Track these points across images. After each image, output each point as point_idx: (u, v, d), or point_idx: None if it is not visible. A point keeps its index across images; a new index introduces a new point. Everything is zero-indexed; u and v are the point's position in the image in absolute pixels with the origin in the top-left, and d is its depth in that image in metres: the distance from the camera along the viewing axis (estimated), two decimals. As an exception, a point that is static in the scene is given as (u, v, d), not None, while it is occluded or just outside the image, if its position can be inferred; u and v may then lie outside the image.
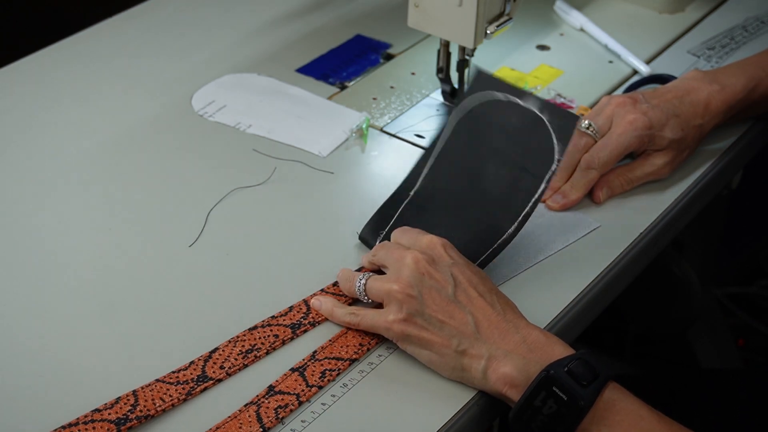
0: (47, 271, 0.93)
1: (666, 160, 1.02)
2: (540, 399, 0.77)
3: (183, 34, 1.29)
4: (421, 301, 0.82)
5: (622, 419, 0.76)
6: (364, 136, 1.10)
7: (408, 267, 0.83)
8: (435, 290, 0.83)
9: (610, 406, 0.77)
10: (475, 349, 0.80)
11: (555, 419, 0.76)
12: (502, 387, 0.79)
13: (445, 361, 0.81)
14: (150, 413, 0.79)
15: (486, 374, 0.80)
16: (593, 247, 0.96)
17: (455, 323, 0.81)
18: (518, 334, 0.81)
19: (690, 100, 1.03)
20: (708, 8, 1.32)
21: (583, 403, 0.76)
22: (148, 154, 1.08)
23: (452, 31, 1.07)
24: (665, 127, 1.00)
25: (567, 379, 0.77)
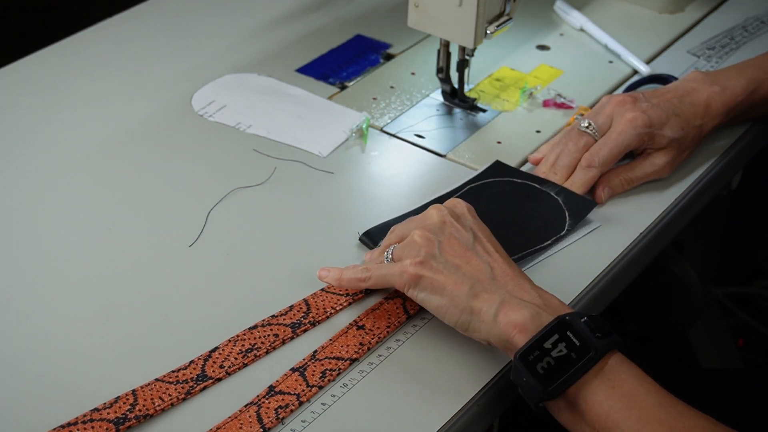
0: (47, 271, 0.93)
1: (666, 160, 1.02)
2: (551, 342, 0.77)
3: (183, 34, 1.29)
4: (439, 246, 0.84)
5: (627, 378, 0.76)
6: (364, 136, 1.10)
7: (431, 217, 0.87)
8: (455, 238, 0.85)
9: (616, 365, 0.77)
10: (489, 294, 0.81)
11: (562, 362, 0.76)
12: (510, 331, 0.79)
13: (456, 303, 0.81)
14: (149, 413, 0.79)
15: (496, 317, 0.80)
16: (593, 247, 0.96)
17: (471, 268, 0.83)
18: (533, 290, 0.82)
19: (690, 101, 1.03)
20: (708, 8, 1.32)
21: (593, 354, 0.76)
22: (148, 154, 1.08)
23: (452, 31, 1.07)
24: (665, 125, 1.00)
25: (583, 327, 0.78)
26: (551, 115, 1.12)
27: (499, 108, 1.14)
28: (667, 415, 0.75)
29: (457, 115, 1.13)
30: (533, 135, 1.10)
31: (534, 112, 1.13)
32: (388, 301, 0.89)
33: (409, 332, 0.87)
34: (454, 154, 1.07)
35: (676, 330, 1.42)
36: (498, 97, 1.16)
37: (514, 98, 1.15)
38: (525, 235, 0.91)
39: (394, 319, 0.87)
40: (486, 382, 0.83)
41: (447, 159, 1.07)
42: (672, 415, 0.75)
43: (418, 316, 0.88)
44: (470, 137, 1.10)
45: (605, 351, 0.77)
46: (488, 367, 0.84)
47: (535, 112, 1.13)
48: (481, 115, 1.13)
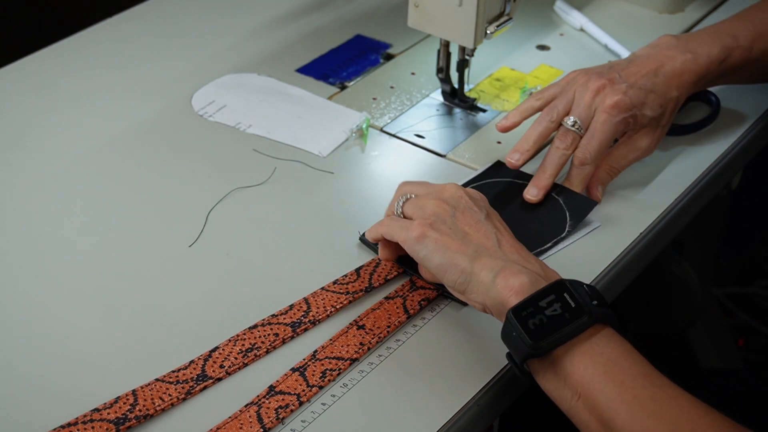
0: (47, 271, 0.93)
1: (650, 140, 1.01)
2: (547, 301, 0.77)
3: (183, 34, 1.29)
4: (452, 215, 0.85)
5: (615, 347, 0.76)
6: (364, 136, 1.10)
7: (448, 190, 0.88)
8: (468, 210, 0.86)
9: (607, 335, 0.77)
10: (491, 259, 0.82)
11: (554, 321, 0.76)
12: (507, 293, 0.79)
13: (457, 263, 0.82)
14: (149, 413, 0.79)
15: (495, 280, 0.80)
16: (593, 247, 0.96)
17: (479, 236, 0.84)
18: (537, 263, 0.83)
19: (664, 72, 1.01)
20: (708, 8, 1.32)
21: (587, 318, 0.76)
22: (148, 154, 1.08)
23: (452, 31, 1.07)
24: (645, 105, 0.99)
25: (581, 291, 0.78)
26: (551, 115, 1.12)
27: (499, 108, 1.14)
28: (651, 384, 0.74)
29: (457, 115, 1.13)
30: (533, 135, 1.10)
31: (534, 112, 1.13)
32: (388, 301, 0.89)
33: (409, 332, 0.87)
34: (454, 154, 1.07)
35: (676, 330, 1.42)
36: (498, 97, 1.16)
37: (514, 98, 1.15)
38: (526, 236, 0.91)
39: (394, 318, 0.87)
40: (486, 382, 0.83)
41: (447, 159, 1.07)
42: (656, 384, 0.75)
43: (418, 315, 0.88)
44: (470, 137, 1.10)
45: (599, 319, 0.77)
46: (488, 368, 0.84)
47: (535, 112, 1.13)
48: (481, 115, 1.13)
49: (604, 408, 0.74)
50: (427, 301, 0.89)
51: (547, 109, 1.00)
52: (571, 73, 1.02)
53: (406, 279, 0.92)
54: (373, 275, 0.91)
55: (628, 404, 0.73)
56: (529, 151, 1.00)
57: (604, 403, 0.74)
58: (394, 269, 0.92)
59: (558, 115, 0.99)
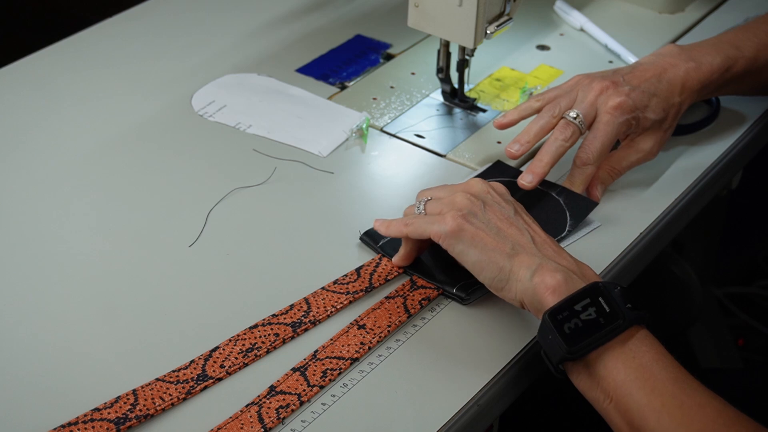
0: (47, 271, 0.93)
1: (653, 142, 1.01)
2: (582, 305, 0.78)
3: (183, 35, 1.29)
4: (483, 208, 0.86)
5: (648, 351, 0.77)
6: (364, 136, 1.10)
7: (474, 186, 0.89)
8: (497, 206, 0.87)
9: (641, 338, 0.78)
10: (528, 256, 0.82)
11: (589, 326, 0.77)
12: (543, 291, 0.80)
13: (494, 261, 0.83)
14: (150, 412, 0.79)
15: (532, 278, 0.81)
16: (593, 247, 0.96)
17: (513, 232, 0.85)
18: (572, 258, 0.84)
19: (668, 78, 1.02)
20: (708, 8, 1.32)
21: (621, 321, 0.77)
22: (148, 154, 1.08)
23: (452, 31, 1.07)
24: (648, 108, 1.00)
25: (615, 296, 0.79)
26: (551, 115, 1.12)
27: (499, 108, 1.14)
28: (680, 391, 0.75)
29: (457, 115, 1.13)
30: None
31: (534, 112, 1.13)
32: (389, 300, 0.89)
33: (409, 332, 0.87)
34: (454, 154, 1.07)
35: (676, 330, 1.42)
36: (498, 97, 1.16)
37: (514, 98, 1.15)
38: None
39: (395, 318, 0.87)
40: (486, 382, 0.83)
41: (447, 159, 1.07)
42: (685, 391, 0.75)
43: (418, 315, 0.88)
44: (470, 137, 1.10)
45: (633, 322, 0.78)
46: (488, 368, 0.84)
47: (535, 112, 1.13)
48: (481, 115, 1.13)
49: (635, 414, 0.75)
50: (427, 300, 0.89)
51: (549, 105, 1.01)
52: (575, 77, 1.03)
53: (407, 279, 0.92)
54: (374, 275, 0.91)
55: (657, 413, 0.74)
56: (529, 143, 1.00)
57: (634, 409, 0.75)
58: (395, 269, 0.92)
59: (560, 110, 1.00)
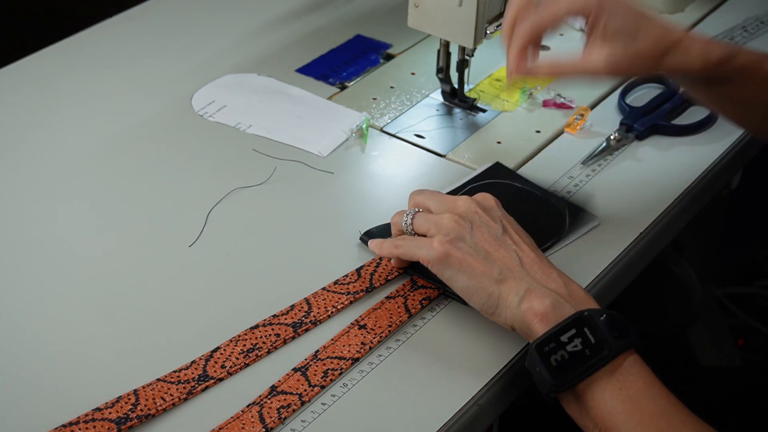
0: (48, 271, 0.93)
1: (604, 55, 0.87)
2: (568, 336, 0.78)
3: (183, 35, 1.29)
4: (470, 231, 0.84)
5: (635, 381, 0.77)
6: (364, 136, 1.10)
7: (461, 205, 0.87)
8: (485, 226, 0.85)
9: (628, 366, 0.77)
10: (516, 281, 0.82)
11: (575, 358, 0.77)
12: (532, 318, 0.79)
13: (483, 287, 0.82)
14: (151, 412, 0.79)
15: (520, 304, 0.80)
16: (593, 247, 0.96)
17: (500, 256, 0.83)
18: (560, 279, 0.82)
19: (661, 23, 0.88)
20: (708, 8, 1.32)
21: (607, 352, 0.77)
22: (148, 154, 1.08)
23: (452, 31, 1.07)
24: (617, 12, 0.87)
25: (601, 325, 0.78)
26: (551, 116, 1.12)
27: (499, 108, 1.14)
28: (667, 424, 0.75)
29: (457, 115, 1.13)
30: (533, 135, 1.10)
31: (534, 112, 1.13)
32: (389, 300, 0.89)
33: (409, 332, 0.87)
34: (454, 154, 1.07)
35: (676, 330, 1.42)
36: (498, 97, 1.16)
37: (514, 98, 1.15)
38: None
39: (395, 318, 0.87)
40: (486, 382, 0.83)
41: (447, 159, 1.07)
42: (673, 424, 0.75)
43: (418, 315, 0.88)
44: (470, 137, 1.10)
45: (619, 351, 0.77)
46: (488, 368, 0.84)
47: (535, 112, 1.13)
48: (481, 115, 1.13)
49: None
50: (428, 300, 0.89)
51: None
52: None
53: (407, 278, 0.92)
54: (374, 275, 0.91)
55: None
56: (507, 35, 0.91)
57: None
58: (395, 269, 0.92)
59: None
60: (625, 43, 0.87)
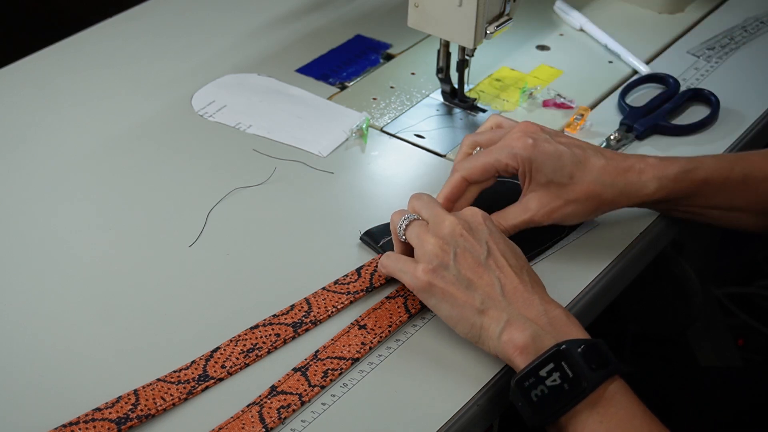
0: (48, 271, 0.93)
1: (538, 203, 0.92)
2: (546, 370, 0.77)
3: (183, 35, 1.29)
4: (453, 258, 0.84)
5: (616, 412, 0.76)
6: (364, 136, 1.10)
7: (447, 227, 0.85)
8: (468, 252, 0.84)
9: (609, 397, 0.77)
10: (497, 311, 0.81)
11: (555, 392, 0.77)
12: (512, 351, 0.79)
13: (465, 317, 0.82)
14: (151, 412, 0.79)
15: (500, 336, 0.80)
16: (593, 247, 0.96)
17: (482, 284, 0.83)
18: (541, 306, 0.82)
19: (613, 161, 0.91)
20: (708, 8, 1.32)
21: (585, 385, 0.77)
22: (148, 154, 1.08)
23: (452, 31, 1.07)
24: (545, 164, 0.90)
25: (578, 358, 0.77)
26: (551, 116, 1.12)
27: (499, 108, 1.14)
28: None
29: (457, 115, 1.14)
30: (533, 135, 1.10)
31: (534, 112, 1.13)
32: (389, 300, 0.89)
33: (409, 332, 0.87)
34: (454, 154, 1.07)
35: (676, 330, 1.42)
36: (498, 97, 1.16)
37: (514, 98, 1.15)
38: (525, 236, 0.92)
39: (395, 318, 0.87)
40: (486, 382, 0.83)
41: (447, 159, 1.07)
42: None
43: (418, 315, 0.88)
44: (470, 137, 1.10)
45: (598, 383, 0.77)
46: (488, 367, 0.84)
47: (535, 112, 1.13)
48: (481, 115, 1.13)
49: None
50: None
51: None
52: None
53: (407, 279, 0.92)
54: (374, 275, 0.91)
55: None
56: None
57: None
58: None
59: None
60: (558, 194, 0.91)
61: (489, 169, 0.92)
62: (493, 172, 0.92)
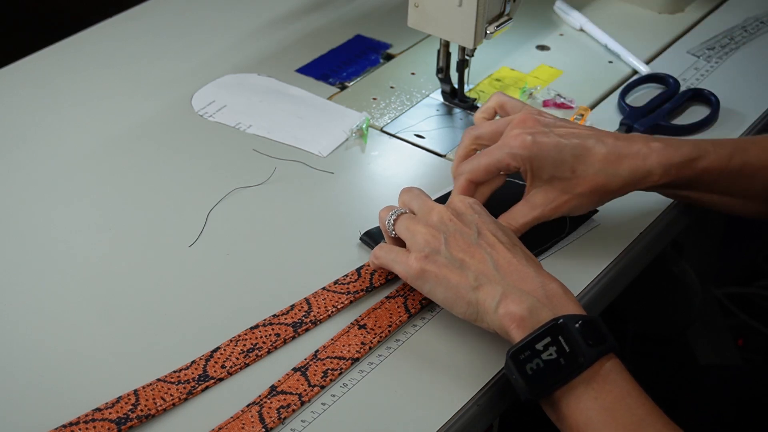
0: (48, 271, 0.93)
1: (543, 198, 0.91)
2: (543, 344, 0.77)
3: (183, 35, 1.29)
4: (444, 242, 0.84)
5: (611, 390, 0.76)
6: (364, 136, 1.10)
7: (435, 215, 0.86)
8: (459, 233, 0.85)
9: (604, 374, 0.77)
10: (491, 286, 0.81)
11: (550, 366, 0.76)
12: (509, 324, 0.79)
13: (461, 296, 0.82)
14: (151, 413, 0.79)
15: (497, 309, 0.80)
16: (593, 247, 0.96)
17: (475, 262, 0.83)
18: (538, 278, 0.81)
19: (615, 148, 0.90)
20: (708, 8, 1.32)
21: (582, 360, 0.76)
22: (148, 154, 1.08)
23: (452, 31, 1.07)
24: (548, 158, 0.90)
25: (575, 333, 0.77)
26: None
27: (499, 108, 1.14)
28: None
29: (457, 115, 1.14)
30: (533, 135, 1.10)
31: (534, 112, 1.13)
32: (389, 300, 0.89)
33: (409, 332, 0.87)
34: (454, 154, 1.07)
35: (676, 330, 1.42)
36: (498, 97, 1.16)
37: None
38: (525, 236, 0.92)
39: (395, 317, 0.87)
40: (486, 381, 0.83)
41: (447, 159, 1.07)
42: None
43: (418, 315, 0.88)
44: (470, 137, 1.10)
45: (594, 359, 0.77)
46: (488, 367, 0.84)
47: (535, 112, 1.13)
48: (481, 115, 1.13)
49: None
50: (428, 300, 0.89)
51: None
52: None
53: (407, 279, 0.92)
54: (374, 275, 0.91)
55: None
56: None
57: None
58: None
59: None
60: (563, 189, 0.91)
61: (492, 169, 0.92)
62: (496, 171, 0.93)
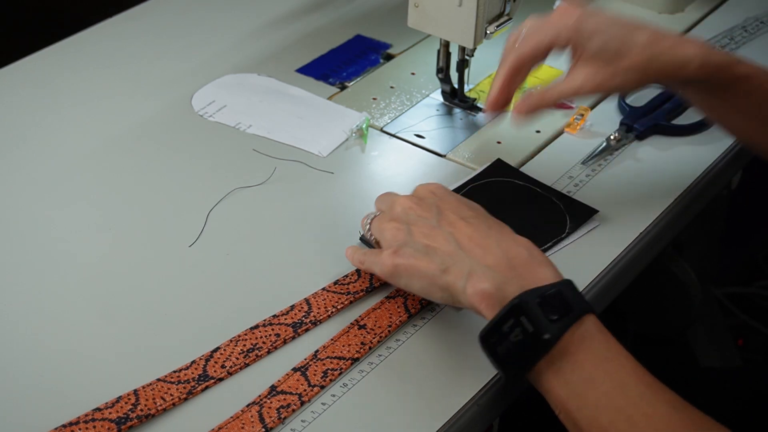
0: (48, 271, 0.93)
1: (583, 76, 0.91)
2: (508, 325, 0.76)
3: (183, 35, 1.29)
4: (408, 232, 0.85)
5: (587, 358, 0.74)
6: (364, 136, 1.10)
7: (397, 207, 0.87)
8: (420, 220, 0.85)
9: (578, 342, 0.75)
10: (458, 267, 0.81)
11: (519, 348, 0.76)
12: (479, 303, 0.78)
13: (433, 282, 0.82)
14: (151, 412, 0.79)
15: (465, 289, 0.79)
16: (593, 247, 0.96)
17: (438, 245, 0.83)
18: (499, 249, 0.81)
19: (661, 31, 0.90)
20: (707, 8, 1.32)
21: (548, 337, 0.74)
22: (148, 154, 1.08)
23: (452, 31, 1.07)
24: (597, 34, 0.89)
25: (536, 310, 0.75)
26: (551, 115, 1.12)
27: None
28: (625, 402, 0.73)
29: (457, 115, 1.14)
30: (533, 135, 1.10)
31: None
32: (389, 300, 0.89)
33: (409, 332, 0.87)
34: (454, 154, 1.07)
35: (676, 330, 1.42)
36: (498, 97, 1.16)
37: (514, 98, 1.15)
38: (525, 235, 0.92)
39: (395, 318, 0.87)
40: (486, 381, 0.83)
41: (447, 159, 1.07)
42: (631, 401, 0.73)
43: (418, 315, 0.88)
44: (470, 137, 1.10)
45: (561, 333, 0.75)
46: (488, 367, 0.83)
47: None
48: (481, 115, 1.13)
49: (585, 428, 0.74)
50: (428, 300, 0.89)
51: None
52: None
53: (407, 279, 0.92)
54: (374, 275, 0.91)
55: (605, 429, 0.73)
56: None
57: (584, 425, 0.74)
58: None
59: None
60: (608, 61, 0.89)
61: (540, 48, 0.92)
62: (543, 49, 0.92)
